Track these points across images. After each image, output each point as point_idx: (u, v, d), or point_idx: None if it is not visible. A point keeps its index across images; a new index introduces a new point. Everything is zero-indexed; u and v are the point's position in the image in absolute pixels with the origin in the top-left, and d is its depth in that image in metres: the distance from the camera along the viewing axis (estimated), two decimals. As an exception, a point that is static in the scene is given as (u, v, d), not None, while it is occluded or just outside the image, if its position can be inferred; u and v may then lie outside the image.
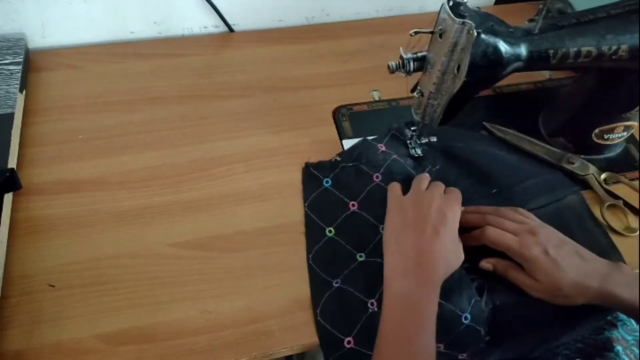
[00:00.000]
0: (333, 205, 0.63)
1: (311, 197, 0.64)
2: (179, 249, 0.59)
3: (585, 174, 0.68)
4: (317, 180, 0.65)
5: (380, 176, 0.65)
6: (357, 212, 0.63)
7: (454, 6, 0.53)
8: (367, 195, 0.64)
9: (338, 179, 0.65)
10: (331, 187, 0.64)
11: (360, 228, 0.61)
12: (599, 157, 0.71)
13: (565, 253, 0.54)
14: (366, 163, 0.66)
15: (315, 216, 0.62)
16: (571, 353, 0.62)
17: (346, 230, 0.61)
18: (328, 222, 0.62)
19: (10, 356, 0.51)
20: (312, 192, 0.64)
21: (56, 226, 0.60)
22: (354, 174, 0.65)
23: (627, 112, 0.66)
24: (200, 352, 0.52)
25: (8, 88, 0.69)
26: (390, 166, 0.66)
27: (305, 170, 0.66)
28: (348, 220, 0.62)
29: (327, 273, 0.58)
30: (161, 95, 0.75)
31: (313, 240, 0.61)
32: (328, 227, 0.61)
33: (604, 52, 0.57)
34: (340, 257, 0.59)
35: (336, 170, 0.65)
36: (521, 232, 0.55)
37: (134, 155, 0.67)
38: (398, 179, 0.63)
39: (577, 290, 0.52)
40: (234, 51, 0.84)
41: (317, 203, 0.63)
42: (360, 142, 0.68)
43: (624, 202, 0.66)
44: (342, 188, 0.64)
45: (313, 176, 0.65)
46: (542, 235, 0.54)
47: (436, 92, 0.59)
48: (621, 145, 0.73)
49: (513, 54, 0.54)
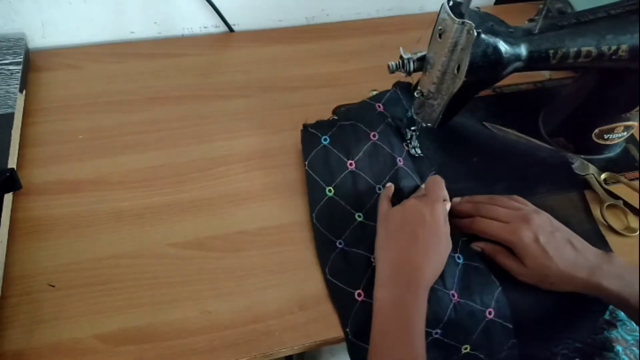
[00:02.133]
0: (332, 164, 0.64)
1: (311, 156, 0.65)
2: (179, 249, 0.59)
3: (585, 174, 0.68)
4: (315, 139, 0.66)
5: (377, 135, 0.66)
6: (355, 172, 0.64)
7: (454, 6, 0.53)
8: (364, 155, 0.65)
9: (335, 137, 0.65)
10: (329, 145, 0.65)
11: (357, 188, 0.63)
12: (599, 157, 0.71)
13: (556, 241, 0.54)
14: (363, 121, 0.66)
15: (315, 175, 0.64)
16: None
17: (345, 189, 0.63)
18: (328, 181, 0.63)
19: (10, 356, 0.51)
20: (311, 150, 0.65)
21: (56, 226, 0.60)
22: (351, 132, 0.66)
23: (627, 112, 0.66)
24: (200, 352, 0.52)
25: (8, 88, 0.69)
26: (387, 127, 0.67)
27: (303, 131, 0.67)
28: (347, 180, 0.63)
29: (331, 233, 0.60)
30: (161, 95, 0.75)
31: (315, 199, 0.63)
32: (328, 187, 0.63)
33: (604, 52, 0.57)
34: (341, 217, 0.61)
35: (334, 128, 0.66)
36: (513, 219, 0.56)
37: (134, 155, 0.67)
38: (393, 141, 0.65)
39: (564, 279, 0.53)
40: (234, 51, 0.84)
41: (317, 161, 0.64)
42: (356, 103, 0.70)
43: (624, 202, 0.66)
44: (339, 146, 0.65)
45: (312, 135, 0.66)
46: (534, 222, 0.55)
47: (436, 92, 0.59)
48: (621, 145, 0.73)
49: (513, 54, 0.54)
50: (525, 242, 0.54)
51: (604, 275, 0.52)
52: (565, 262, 0.53)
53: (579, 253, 0.54)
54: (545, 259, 0.53)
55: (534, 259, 0.54)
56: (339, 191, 0.63)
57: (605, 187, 0.68)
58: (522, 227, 0.54)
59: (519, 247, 0.54)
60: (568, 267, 0.53)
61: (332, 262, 0.58)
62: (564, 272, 0.53)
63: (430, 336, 0.53)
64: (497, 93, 0.81)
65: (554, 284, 0.54)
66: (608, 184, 0.68)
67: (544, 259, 0.53)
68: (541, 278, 0.54)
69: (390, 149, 0.66)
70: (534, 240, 0.54)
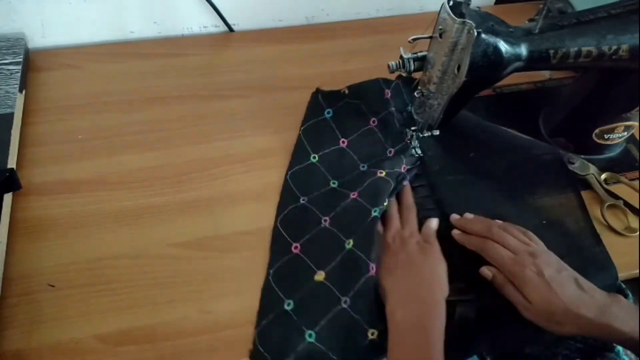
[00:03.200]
0: (325, 137, 0.68)
1: (308, 123, 0.68)
2: (179, 249, 0.59)
3: (586, 174, 0.68)
4: (320, 109, 0.69)
5: (376, 121, 0.69)
6: (345, 149, 0.67)
7: (454, 6, 0.53)
8: (358, 136, 0.68)
9: (338, 113, 0.69)
10: (330, 119, 0.68)
11: (342, 162, 0.66)
12: (599, 157, 0.71)
13: (561, 278, 0.52)
14: (368, 104, 0.70)
15: (306, 141, 0.67)
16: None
17: (329, 160, 0.67)
18: (316, 149, 0.67)
19: (10, 356, 0.50)
20: (311, 118, 0.68)
21: (56, 226, 0.60)
22: (354, 112, 0.69)
23: (628, 112, 0.66)
24: (200, 352, 0.52)
25: (8, 88, 0.69)
26: (387, 115, 0.69)
27: (314, 94, 0.70)
28: (334, 153, 0.67)
29: (300, 191, 0.64)
30: (161, 95, 0.75)
31: (296, 161, 0.66)
32: (313, 154, 0.67)
33: (604, 52, 0.57)
34: (316, 181, 0.65)
35: (340, 103, 0.69)
36: (520, 251, 0.54)
37: (133, 155, 0.67)
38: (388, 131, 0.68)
39: (571, 319, 0.50)
40: (234, 51, 0.84)
41: (312, 130, 0.68)
42: (370, 82, 0.72)
43: (624, 202, 0.66)
44: (339, 122, 0.68)
45: (318, 103, 0.69)
46: (541, 258, 0.53)
47: (436, 92, 0.58)
48: (621, 145, 0.73)
49: (513, 54, 0.54)
50: (529, 275, 0.52)
51: (614, 316, 0.50)
52: (570, 299, 0.51)
53: (585, 292, 0.52)
54: (549, 293, 0.51)
55: (537, 293, 0.52)
56: (323, 160, 0.67)
57: (606, 187, 0.68)
58: (527, 260, 0.53)
59: (521, 280, 0.53)
60: (574, 303, 0.51)
61: (286, 213, 0.61)
62: (570, 310, 0.50)
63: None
64: (497, 93, 0.80)
65: (561, 324, 0.51)
66: (608, 184, 0.68)
67: (548, 294, 0.51)
68: (547, 316, 0.51)
69: (384, 137, 0.68)
70: (537, 274, 0.52)
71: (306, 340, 0.52)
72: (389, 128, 0.68)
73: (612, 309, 0.50)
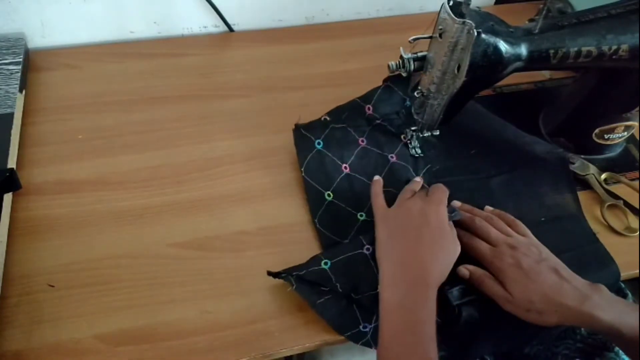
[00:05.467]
0: (328, 168, 0.65)
1: (306, 161, 0.65)
2: (179, 249, 0.59)
3: (586, 174, 0.68)
4: (308, 142, 0.66)
5: (365, 140, 0.67)
6: (351, 175, 0.65)
7: (454, 6, 0.53)
8: (355, 158, 0.66)
9: (328, 140, 0.66)
10: (323, 149, 0.66)
11: (355, 190, 0.64)
12: (599, 157, 0.71)
13: (540, 268, 0.52)
14: (352, 126, 0.68)
15: (312, 181, 0.64)
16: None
17: (343, 192, 0.64)
18: (325, 185, 0.64)
19: (10, 356, 0.50)
20: (306, 155, 0.65)
21: (56, 226, 0.60)
22: (342, 136, 0.67)
23: (628, 112, 0.66)
24: (200, 353, 0.52)
25: (8, 88, 0.69)
26: (375, 130, 0.68)
27: (295, 132, 0.67)
28: (343, 183, 0.65)
29: (337, 235, 0.61)
30: (161, 95, 0.75)
31: (315, 204, 0.63)
32: (326, 191, 0.64)
33: (604, 52, 0.57)
34: (344, 219, 0.62)
35: (326, 130, 0.67)
36: (501, 243, 0.54)
37: (134, 155, 0.67)
38: (382, 141, 0.67)
39: (551, 307, 0.50)
40: (234, 51, 0.84)
41: (313, 167, 0.65)
42: (348, 103, 0.69)
43: (624, 202, 0.66)
44: (333, 149, 0.66)
45: (304, 137, 0.66)
46: (520, 249, 0.53)
47: (436, 92, 0.59)
48: (621, 145, 0.73)
49: (513, 54, 0.54)
50: (506, 266, 0.52)
51: (596, 305, 0.50)
52: (550, 287, 0.51)
53: (565, 281, 0.52)
54: (528, 282, 0.51)
55: (515, 283, 0.52)
56: (338, 195, 0.64)
57: (606, 187, 0.68)
58: (505, 253, 0.53)
59: (499, 272, 0.53)
60: (554, 292, 0.51)
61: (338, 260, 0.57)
62: (550, 298, 0.50)
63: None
64: (497, 93, 0.80)
65: (542, 313, 0.51)
66: (608, 184, 0.68)
67: (527, 282, 0.51)
68: (528, 305, 0.51)
69: (380, 149, 0.67)
70: (515, 265, 0.52)
71: (321, 266, 0.55)
72: (380, 137, 0.67)
73: (593, 298, 0.50)
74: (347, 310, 0.55)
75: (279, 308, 0.56)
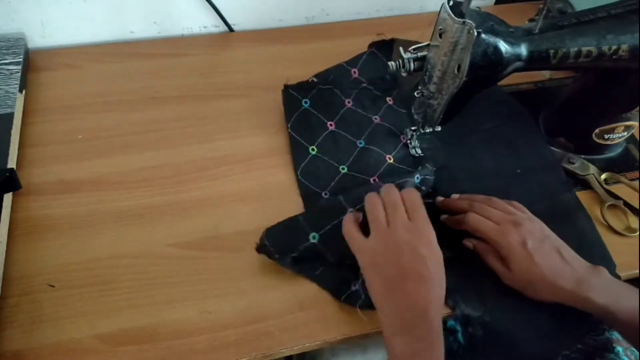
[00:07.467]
0: (313, 125, 0.69)
1: (293, 118, 0.69)
2: (179, 249, 0.59)
3: (586, 174, 0.68)
4: (296, 102, 0.70)
5: (350, 101, 0.71)
6: (335, 131, 0.69)
7: (454, 6, 0.53)
8: (341, 118, 0.70)
9: (315, 100, 0.70)
10: (310, 107, 0.69)
11: (339, 145, 0.68)
12: (599, 157, 0.71)
13: (544, 248, 0.53)
14: (339, 88, 0.71)
15: (298, 136, 0.68)
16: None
17: (327, 147, 0.68)
18: (310, 140, 0.68)
19: (10, 356, 0.50)
20: (293, 113, 0.70)
21: (56, 226, 0.60)
22: (328, 97, 0.71)
23: (628, 112, 0.66)
24: (200, 352, 0.52)
25: (7, 88, 0.69)
26: (360, 93, 0.72)
27: (284, 92, 0.71)
28: (328, 138, 0.68)
29: (317, 186, 0.65)
30: (161, 95, 0.75)
31: (299, 158, 0.67)
32: (311, 146, 0.68)
33: (604, 52, 0.57)
34: (326, 172, 0.66)
35: (313, 91, 0.71)
36: (504, 221, 0.55)
37: (134, 155, 0.67)
38: (367, 104, 0.71)
39: (549, 288, 0.52)
40: (234, 51, 0.84)
41: (299, 124, 0.69)
42: (335, 67, 0.74)
43: (624, 202, 0.66)
44: (319, 108, 0.70)
45: (292, 97, 0.70)
46: (525, 227, 0.54)
47: (436, 92, 0.58)
48: (621, 145, 0.73)
49: (513, 54, 0.54)
50: (512, 245, 0.53)
51: (591, 287, 0.51)
52: (550, 270, 0.52)
53: (566, 263, 0.53)
54: (530, 263, 0.52)
55: (518, 263, 0.53)
56: (322, 149, 0.67)
57: (606, 187, 0.68)
58: (511, 230, 0.54)
59: (505, 250, 0.54)
60: (553, 275, 0.52)
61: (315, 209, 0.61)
62: (549, 280, 0.52)
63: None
64: (497, 93, 0.80)
65: (538, 292, 0.53)
66: (608, 184, 0.68)
67: (529, 264, 0.52)
68: (525, 284, 0.53)
69: (364, 111, 0.71)
70: (520, 244, 0.53)
71: (310, 241, 0.56)
72: (365, 100, 0.71)
73: (590, 281, 0.51)
74: (339, 275, 0.57)
75: (279, 308, 0.56)
